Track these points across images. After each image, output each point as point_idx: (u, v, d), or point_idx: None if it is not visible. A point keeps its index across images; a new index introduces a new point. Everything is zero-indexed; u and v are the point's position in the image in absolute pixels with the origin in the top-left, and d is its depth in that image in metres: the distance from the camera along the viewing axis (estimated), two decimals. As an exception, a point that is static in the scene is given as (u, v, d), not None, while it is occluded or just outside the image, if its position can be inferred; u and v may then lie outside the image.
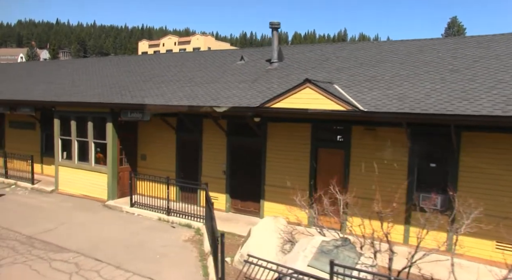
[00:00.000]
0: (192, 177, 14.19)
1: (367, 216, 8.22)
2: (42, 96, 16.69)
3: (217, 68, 15.42)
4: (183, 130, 14.48)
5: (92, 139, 15.40)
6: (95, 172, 15.41)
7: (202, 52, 18.45)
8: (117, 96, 14.59)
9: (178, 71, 16.21)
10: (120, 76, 17.26)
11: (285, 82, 12.47)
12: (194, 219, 12.77)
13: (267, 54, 15.84)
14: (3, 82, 21.03)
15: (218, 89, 13.04)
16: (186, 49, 76.06)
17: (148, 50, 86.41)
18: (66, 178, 16.31)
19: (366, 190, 10.19)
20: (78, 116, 15.70)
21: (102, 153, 15.45)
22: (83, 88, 16.59)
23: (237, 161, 13.48)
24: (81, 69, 20.61)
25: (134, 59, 20.37)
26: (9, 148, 20.13)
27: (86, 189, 15.68)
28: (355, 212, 8.66)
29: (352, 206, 9.12)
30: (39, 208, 14.31)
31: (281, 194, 12.57)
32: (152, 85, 15.08)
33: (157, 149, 15.21)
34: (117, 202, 14.80)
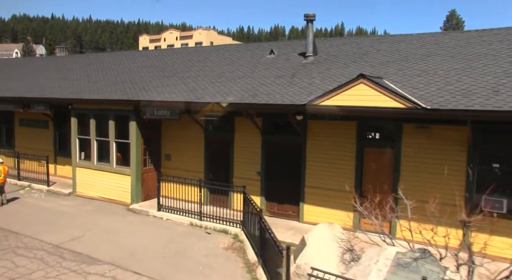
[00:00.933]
0: (222, 178, 13.37)
1: (424, 221, 7.56)
2: (59, 93, 15.77)
3: (246, 63, 14.55)
4: (212, 128, 13.65)
5: (113, 139, 14.52)
6: (117, 174, 14.55)
7: (225, 46, 17.56)
8: (142, 92, 13.70)
9: (203, 65, 15.32)
10: (139, 72, 16.35)
11: (327, 77, 11.65)
12: (229, 224, 11.97)
13: (297, 47, 15.01)
14: (12, 78, 20.04)
15: (254, 85, 12.19)
16: (188, 44, 74.79)
17: (149, 45, 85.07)
18: (84, 180, 15.43)
19: (419, 192, 9.42)
20: (98, 114, 14.81)
21: (122, 153, 14.57)
22: (101, 85, 15.67)
23: (273, 162, 12.66)
24: (93, 64, 19.67)
25: (151, 54, 19.44)
26: (19, 148, 19.24)
27: (106, 191, 14.82)
28: (410, 216, 7.93)
29: (404, 209, 8.37)
30: (60, 213, 13.45)
31: (323, 196, 11.83)
32: (177, 80, 14.20)
33: (183, 148, 14.36)
34: (142, 205, 13.95)
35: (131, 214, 13.49)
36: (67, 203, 14.68)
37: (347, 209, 11.53)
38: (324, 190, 11.83)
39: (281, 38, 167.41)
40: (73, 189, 15.74)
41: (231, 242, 11.13)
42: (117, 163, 14.87)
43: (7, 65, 24.45)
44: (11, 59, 28.97)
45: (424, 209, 7.95)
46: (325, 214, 11.88)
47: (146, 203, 14.24)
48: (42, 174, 16.69)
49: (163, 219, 13.00)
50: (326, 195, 11.81)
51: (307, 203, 12.18)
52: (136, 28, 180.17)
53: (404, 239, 7.96)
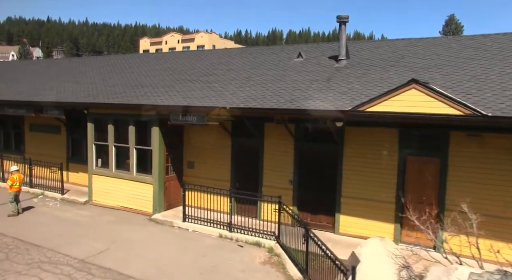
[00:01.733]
0: (250, 187, 12.73)
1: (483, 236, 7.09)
2: (74, 97, 15.08)
3: (274, 66, 13.96)
4: (240, 134, 13.02)
5: (133, 145, 13.84)
6: (137, 182, 13.87)
7: (246, 49, 16.98)
8: (165, 97, 13.07)
9: (227, 69, 14.71)
10: (158, 75, 15.71)
11: (366, 82, 11.08)
12: (262, 236, 11.33)
13: (325, 50, 14.47)
14: (20, 81, 19.32)
15: (288, 89, 11.59)
16: (190, 47, 74.08)
17: (150, 48, 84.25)
18: (101, 188, 14.73)
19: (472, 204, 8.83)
20: (117, 119, 14.14)
21: (140, 160, 13.90)
22: (119, 88, 15.01)
23: (306, 170, 12.05)
24: (106, 67, 18.99)
25: (166, 57, 18.80)
26: (29, 154, 18.49)
27: (126, 200, 14.13)
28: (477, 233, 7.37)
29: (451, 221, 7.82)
30: (79, 223, 12.75)
31: (361, 206, 11.25)
32: (202, 85, 13.57)
33: (208, 156, 13.71)
34: (165, 215, 13.28)
35: (154, 225, 12.81)
36: (84, 212, 13.97)
37: (387, 220, 10.98)
38: (362, 200, 11.24)
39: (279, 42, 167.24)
40: (89, 198, 15.04)
41: (267, 256, 10.50)
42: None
43: (10, 68, 23.69)
44: (13, 62, 28.24)
45: (481, 223, 7.43)
46: (363, 226, 11.29)
47: (169, 212, 13.57)
48: (55, 181, 15.96)
49: (189, 230, 12.33)
50: (364, 205, 11.22)
51: (344, 214, 11.57)
52: (133, 31, 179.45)
53: (472, 257, 7.36)
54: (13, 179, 13.32)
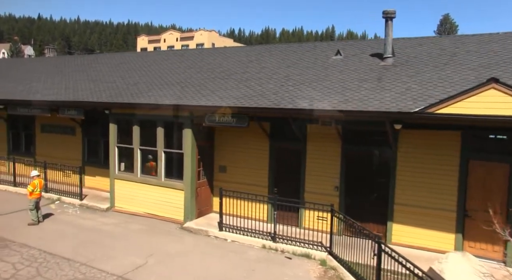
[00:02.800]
0: (289, 193, 11.88)
1: None
2: (94, 96, 14.09)
3: (311, 64, 13.13)
4: (279, 136, 12.20)
5: (162, 148, 12.93)
6: (166, 188, 12.95)
7: (275, 47, 16.09)
8: (198, 96, 12.17)
9: (259, 67, 13.84)
10: (184, 73, 14.79)
11: (423, 82, 10.32)
12: (310, 247, 10.52)
13: (363, 48, 13.70)
14: (33, 80, 18.23)
15: (338, 89, 10.78)
16: (189, 45, 72.82)
17: (147, 46, 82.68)
18: (124, 193, 13.79)
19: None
20: (143, 120, 13.21)
21: (174, 165, 13.01)
22: (143, 87, 14.06)
23: (355, 175, 11.26)
24: (122, 65, 18.00)
25: (187, 54, 17.85)
26: (41, 156, 17.48)
27: (153, 207, 13.21)
28: None
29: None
30: (106, 233, 11.80)
31: (417, 215, 10.52)
32: (237, 83, 12.70)
33: (242, 159, 12.85)
34: (198, 224, 12.38)
35: (187, 234, 11.90)
36: (109, 220, 13.01)
37: (446, 229, 10.24)
38: (418, 208, 10.48)
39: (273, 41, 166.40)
40: (111, 204, 14.08)
41: (321, 270, 9.68)
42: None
43: (14, 66, 22.54)
44: (15, 60, 27.01)
45: None
46: (418, 235, 10.54)
47: (201, 221, 12.68)
48: (72, 186, 14.98)
49: (228, 240, 11.46)
50: (420, 213, 10.46)
51: (397, 223, 10.79)
52: (126, 29, 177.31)
53: None
54: (34, 185, 12.33)
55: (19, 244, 10.75)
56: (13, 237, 11.24)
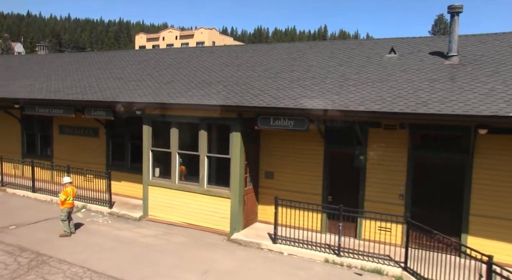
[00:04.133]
0: (346, 202, 10.94)
1: None
2: (126, 96, 13.00)
3: (366, 63, 12.22)
4: (336, 140, 11.27)
5: (205, 153, 11.90)
6: (209, 196, 11.93)
7: (317, 44, 15.10)
8: (248, 96, 11.19)
9: (307, 65, 12.89)
10: (221, 71, 13.77)
11: (508, 81, 9.45)
12: (380, 262, 9.61)
13: (418, 45, 12.89)
14: (50, 77, 17.03)
15: (407, 90, 9.91)
16: (188, 43, 71.46)
17: (146, 44, 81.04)
18: (160, 201, 12.74)
19: None
20: (183, 122, 12.17)
21: (216, 170, 12.02)
22: (178, 86, 13.01)
23: (423, 183, 10.38)
24: (145, 62, 16.90)
25: (219, 50, 16.75)
26: (59, 159, 16.36)
27: (192, 217, 12.19)
28: None
29: None
30: (148, 246, 10.74)
31: (497, 227, 9.63)
32: (288, 83, 11.75)
33: (291, 165, 11.91)
34: (247, 235, 11.40)
35: (237, 247, 10.90)
36: (146, 231, 11.95)
37: None
38: (499, 220, 9.63)
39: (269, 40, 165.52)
40: (144, 213, 13.01)
41: (402, 289, 8.75)
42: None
43: (27, 62, 21.22)
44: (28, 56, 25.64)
45: None
46: (499, 250, 9.66)
47: (249, 232, 11.70)
48: (98, 192, 13.87)
49: (284, 254, 10.49)
50: (501, 225, 9.60)
51: (472, 235, 9.94)
52: (118, 27, 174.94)
53: None
54: (67, 193, 11.22)
55: (58, 260, 9.66)
56: (49, 251, 10.14)
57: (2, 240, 10.85)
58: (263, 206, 12.45)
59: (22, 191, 15.63)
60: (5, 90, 16.50)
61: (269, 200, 12.21)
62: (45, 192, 15.19)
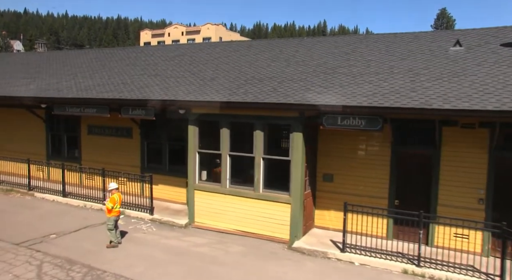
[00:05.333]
0: (415, 206, 10.09)
1: None
2: (171, 93, 12.12)
3: (431, 57, 11.39)
4: (405, 141, 10.44)
5: (261, 155, 11.04)
6: (265, 201, 11.09)
7: (367, 37, 14.27)
8: (312, 94, 10.36)
9: (365, 60, 12.04)
10: (269, 67, 12.91)
11: None
12: (467, 273, 8.79)
13: (484, 37, 12.04)
14: (76, 75, 16.10)
15: (494, 85, 9.07)
16: (195, 39, 70.30)
17: (151, 40, 79.73)
18: (208, 207, 11.88)
19: None
20: (235, 122, 11.30)
21: (275, 173, 11.16)
22: (226, 82, 12.15)
23: (507, 187, 9.53)
24: (177, 58, 16.01)
25: (258, 45, 15.86)
26: (87, 162, 15.49)
27: (246, 223, 11.35)
28: None
29: None
30: (206, 258, 9.89)
31: None
32: (351, 78, 10.90)
33: (353, 167, 11.09)
34: (309, 243, 10.57)
35: (302, 257, 10.06)
36: (198, 240, 11.09)
37: None
38: None
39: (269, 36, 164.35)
40: (190, 219, 12.15)
41: (502, 305, 7.92)
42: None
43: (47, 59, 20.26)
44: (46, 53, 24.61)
45: None
46: None
47: (310, 239, 10.87)
48: (136, 196, 13.02)
49: (355, 264, 9.66)
50: None
51: None
52: (116, 24, 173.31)
53: None
54: (114, 200, 10.33)
55: (113, 275, 8.79)
56: (101, 264, 9.27)
57: (47, 251, 9.97)
58: (320, 211, 11.63)
59: (51, 196, 14.74)
60: (29, 88, 15.57)
61: (328, 205, 11.46)
62: (77, 196, 14.31)
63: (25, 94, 15.02)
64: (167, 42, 71.27)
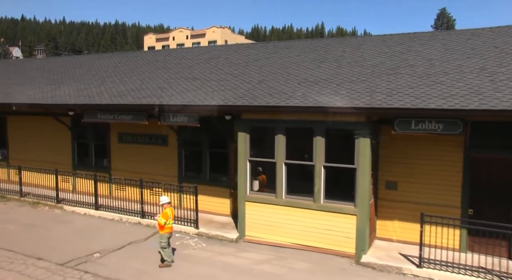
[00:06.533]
0: (493, 216, 9.37)
1: None
2: (218, 98, 11.30)
3: (502, 54, 10.68)
4: (480, 144, 9.61)
5: (321, 162, 10.22)
6: (326, 212, 10.28)
7: (416, 35, 13.37)
8: (381, 96, 9.58)
9: (426, 59, 11.29)
10: (319, 68, 12.13)
11: None
12: None
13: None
14: (105, 80, 15.27)
15: None
16: (200, 43, 69.49)
17: (155, 44, 78.77)
18: (260, 219, 11.07)
19: None
20: (292, 127, 10.49)
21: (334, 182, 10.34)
22: (277, 85, 11.33)
23: None
24: (213, 60, 15.21)
25: (297, 45, 15.03)
26: (117, 171, 14.67)
27: (304, 236, 10.53)
28: None
29: None
30: (268, 277, 9.05)
31: None
32: (416, 79, 10.16)
33: (419, 173, 10.32)
34: (378, 257, 9.76)
35: (375, 274, 9.24)
36: (253, 256, 10.25)
37: None
38: None
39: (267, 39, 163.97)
40: (241, 233, 11.31)
41: None
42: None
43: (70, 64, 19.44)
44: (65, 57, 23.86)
45: None
46: None
47: (377, 252, 10.07)
48: (177, 209, 12.16)
49: (436, 280, 8.83)
50: None
51: None
52: (113, 29, 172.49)
53: None
54: (167, 215, 9.48)
55: (179, 300, 7.91)
56: (162, 288, 8.39)
57: (97, 272, 9.11)
58: (383, 221, 10.82)
59: (82, 209, 13.87)
60: (56, 95, 14.73)
61: (391, 214, 10.69)
62: (110, 209, 13.46)
63: (52, 101, 14.19)
64: (172, 46, 70.40)
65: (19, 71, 19.88)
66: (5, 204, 14.87)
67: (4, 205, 14.69)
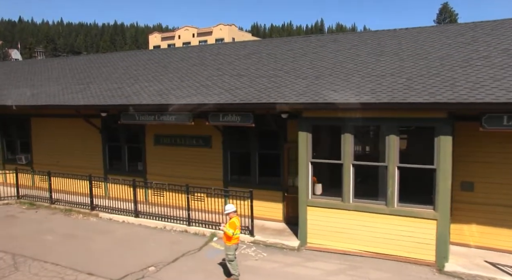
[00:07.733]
0: None
1: None
2: (277, 95, 10.44)
3: None
4: None
5: (395, 163, 9.40)
6: (399, 217, 9.49)
7: (477, 24, 12.55)
8: (459, 89, 8.72)
9: (501, 50, 10.48)
10: (379, 62, 11.34)
11: None
12: None
13: None
14: (138, 79, 14.43)
15: None
16: (207, 41, 68.46)
17: (161, 43, 77.65)
18: (325, 225, 10.26)
19: None
20: (361, 125, 9.67)
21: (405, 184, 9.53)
22: (338, 81, 10.54)
23: None
24: (252, 55, 14.39)
25: (344, 39, 14.17)
26: (153, 175, 13.90)
27: (376, 243, 9.72)
28: None
29: None
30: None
31: None
32: (497, 71, 9.29)
33: (500, 173, 9.55)
34: (463, 265, 9.00)
35: (464, 284, 8.40)
36: (322, 266, 9.45)
37: None
38: None
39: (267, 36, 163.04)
40: (302, 240, 10.50)
41: None
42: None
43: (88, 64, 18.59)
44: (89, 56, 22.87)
45: None
46: None
47: (460, 260, 9.29)
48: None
49: (536, 292, 8.02)
50: None
51: None
52: (112, 30, 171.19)
53: None
54: (234, 225, 8.66)
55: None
56: (240, 307, 7.56)
57: (163, 290, 8.27)
58: (458, 225, 10.03)
59: (120, 216, 13.02)
60: (86, 95, 13.86)
61: (467, 218, 9.93)
62: (150, 216, 12.64)
63: (84, 102, 13.33)
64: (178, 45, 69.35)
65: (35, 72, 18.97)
66: (36, 212, 14.03)
67: (36, 213, 13.84)
